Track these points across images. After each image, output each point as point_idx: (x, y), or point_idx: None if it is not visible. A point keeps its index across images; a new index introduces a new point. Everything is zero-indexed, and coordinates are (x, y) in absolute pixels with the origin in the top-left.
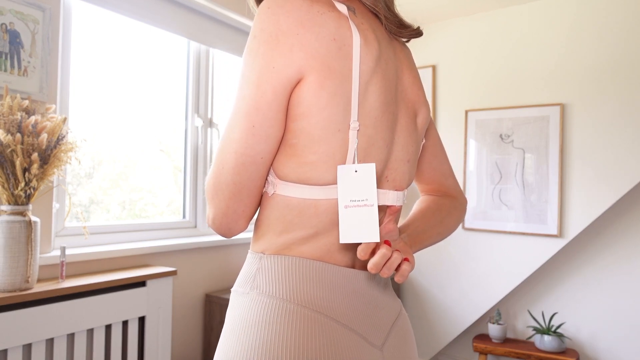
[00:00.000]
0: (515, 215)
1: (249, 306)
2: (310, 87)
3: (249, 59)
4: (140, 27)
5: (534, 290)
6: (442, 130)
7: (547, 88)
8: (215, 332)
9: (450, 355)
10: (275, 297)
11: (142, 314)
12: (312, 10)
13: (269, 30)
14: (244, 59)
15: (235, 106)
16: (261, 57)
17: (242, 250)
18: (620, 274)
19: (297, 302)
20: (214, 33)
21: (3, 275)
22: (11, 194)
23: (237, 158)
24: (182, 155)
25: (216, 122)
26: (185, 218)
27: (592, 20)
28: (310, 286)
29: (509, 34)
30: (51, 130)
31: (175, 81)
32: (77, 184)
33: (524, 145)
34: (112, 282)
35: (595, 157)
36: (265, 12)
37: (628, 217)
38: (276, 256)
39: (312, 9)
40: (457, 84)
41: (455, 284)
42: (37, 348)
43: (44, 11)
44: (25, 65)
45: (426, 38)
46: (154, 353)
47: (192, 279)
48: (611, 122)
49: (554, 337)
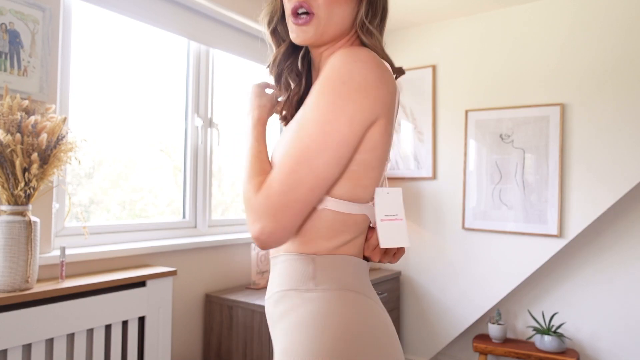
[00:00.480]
0: (515, 215)
1: (324, 299)
2: (379, 129)
3: (339, 101)
4: (140, 27)
5: (534, 290)
6: (442, 130)
7: (547, 88)
8: (215, 332)
9: (450, 355)
10: (341, 289)
11: (142, 314)
12: (383, 67)
13: (358, 81)
14: (330, 97)
15: (321, 138)
16: (352, 103)
17: (241, 251)
18: (620, 274)
19: (355, 290)
20: (214, 33)
21: (3, 276)
22: (11, 194)
23: (319, 182)
24: (182, 155)
25: (216, 122)
26: (185, 218)
27: (592, 20)
28: (356, 277)
29: (509, 34)
30: (51, 130)
31: (175, 81)
32: (77, 184)
33: (524, 145)
34: (112, 282)
35: (595, 157)
36: (353, 64)
37: (628, 217)
38: (329, 256)
39: (383, 66)
40: (457, 84)
41: (456, 284)
42: (36, 348)
43: (44, 11)
44: (25, 65)
45: (426, 38)
46: (153, 353)
47: (192, 279)
48: (611, 122)
49: (554, 337)
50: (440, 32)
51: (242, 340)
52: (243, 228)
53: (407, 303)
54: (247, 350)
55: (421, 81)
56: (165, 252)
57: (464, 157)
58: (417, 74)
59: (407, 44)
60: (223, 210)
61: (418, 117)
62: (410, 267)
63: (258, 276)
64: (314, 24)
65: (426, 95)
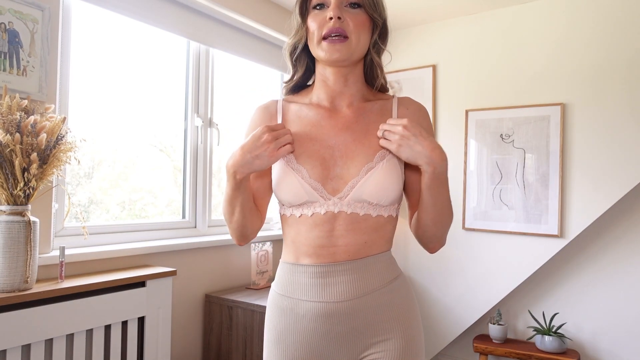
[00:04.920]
0: (515, 215)
1: (408, 283)
2: None
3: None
4: (140, 27)
5: (534, 291)
6: (442, 130)
7: (547, 88)
8: (215, 333)
9: (450, 355)
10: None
11: (142, 314)
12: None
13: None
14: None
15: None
16: None
17: (241, 251)
18: (621, 274)
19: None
20: (214, 33)
21: (2, 276)
22: (10, 194)
23: None
24: (182, 155)
25: (216, 122)
26: (185, 218)
27: (593, 19)
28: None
29: (509, 33)
30: (50, 130)
31: (175, 81)
32: (76, 184)
33: (524, 145)
34: (112, 283)
35: (596, 157)
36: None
37: (629, 217)
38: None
39: None
40: (457, 84)
41: (456, 284)
42: (36, 348)
43: (43, 11)
44: (25, 65)
45: (426, 38)
46: (153, 353)
47: (192, 279)
48: (612, 122)
49: (554, 338)
50: (440, 32)
51: (242, 341)
52: None
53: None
54: (247, 350)
55: (421, 81)
56: (165, 252)
57: (464, 157)
58: (417, 73)
59: (407, 43)
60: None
61: None
62: (410, 267)
63: (258, 276)
64: (346, 45)
65: (426, 95)
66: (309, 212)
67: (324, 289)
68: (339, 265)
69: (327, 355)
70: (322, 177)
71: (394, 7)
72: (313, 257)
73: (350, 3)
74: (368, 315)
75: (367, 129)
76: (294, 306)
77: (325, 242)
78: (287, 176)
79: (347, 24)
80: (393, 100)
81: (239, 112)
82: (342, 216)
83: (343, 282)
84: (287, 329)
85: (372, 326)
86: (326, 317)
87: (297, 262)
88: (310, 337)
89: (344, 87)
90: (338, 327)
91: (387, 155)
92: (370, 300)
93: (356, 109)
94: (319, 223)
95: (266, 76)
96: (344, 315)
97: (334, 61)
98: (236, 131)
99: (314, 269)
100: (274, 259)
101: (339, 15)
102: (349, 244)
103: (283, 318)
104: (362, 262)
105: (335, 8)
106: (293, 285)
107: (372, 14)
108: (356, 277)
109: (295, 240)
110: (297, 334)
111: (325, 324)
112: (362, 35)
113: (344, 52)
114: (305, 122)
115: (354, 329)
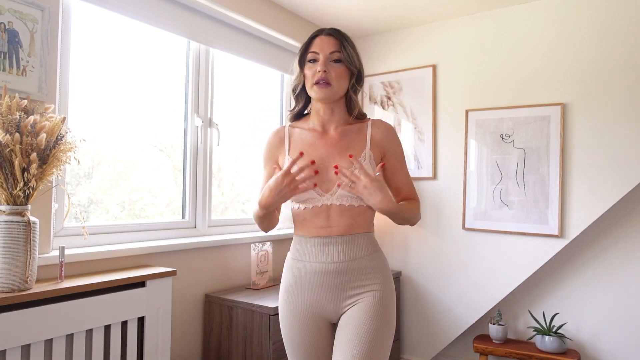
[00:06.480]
0: (515, 215)
1: (384, 257)
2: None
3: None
4: (140, 27)
5: (534, 291)
6: (442, 130)
7: (547, 88)
8: (215, 333)
9: (450, 355)
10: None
11: (142, 315)
12: None
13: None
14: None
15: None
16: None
17: (241, 251)
18: (621, 274)
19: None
20: (214, 33)
21: (2, 276)
22: (10, 194)
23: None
24: (181, 155)
25: (216, 121)
26: (185, 218)
27: (593, 19)
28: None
29: (510, 33)
30: (50, 130)
31: (175, 81)
32: (76, 184)
33: (524, 145)
34: (112, 283)
35: (596, 157)
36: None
37: (629, 217)
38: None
39: None
40: (457, 84)
41: (456, 284)
42: (36, 349)
43: (43, 10)
44: (24, 65)
45: (426, 38)
46: (153, 353)
47: (192, 279)
48: (613, 122)
49: (555, 338)
50: (440, 32)
51: (242, 341)
52: (243, 228)
53: (407, 303)
54: (247, 350)
55: (421, 81)
56: (164, 252)
57: (465, 157)
58: (417, 73)
59: (407, 43)
60: (223, 211)
61: (418, 117)
62: (411, 267)
63: (258, 276)
64: (330, 89)
65: (426, 95)
66: (310, 205)
67: (323, 254)
68: (333, 238)
69: (321, 301)
70: (318, 181)
71: (394, 7)
72: (316, 233)
73: (333, 59)
74: (353, 274)
75: (349, 145)
76: (301, 266)
77: (323, 223)
78: None
79: (331, 75)
80: (368, 123)
81: (239, 112)
82: (333, 207)
83: (336, 250)
84: (295, 282)
85: (356, 281)
86: (323, 273)
87: (306, 235)
88: (311, 287)
89: (331, 116)
90: (331, 280)
91: (363, 163)
92: (355, 264)
93: (340, 132)
94: (318, 212)
95: (266, 76)
96: (336, 272)
97: (321, 99)
98: (236, 131)
99: (316, 240)
100: (274, 259)
101: (324, 69)
102: (341, 224)
103: (292, 275)
104: (350, 237)
105: (322, 63)
106: (302, 252)
107: (349, 66)
108: (346, 247)
109: (304, 222)
110: (301, 285)
111: (322, 278)
112: (342, 82)
113: (328, 94)
114: (305, 141)
115: (342, 283)
